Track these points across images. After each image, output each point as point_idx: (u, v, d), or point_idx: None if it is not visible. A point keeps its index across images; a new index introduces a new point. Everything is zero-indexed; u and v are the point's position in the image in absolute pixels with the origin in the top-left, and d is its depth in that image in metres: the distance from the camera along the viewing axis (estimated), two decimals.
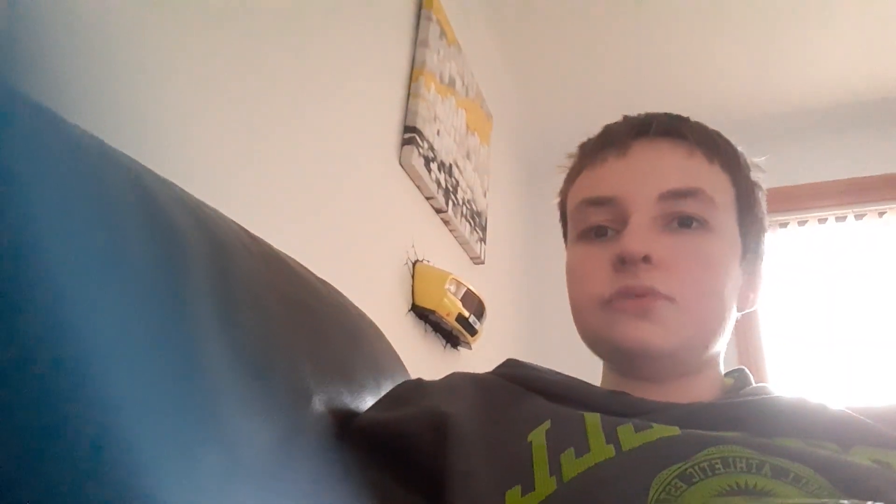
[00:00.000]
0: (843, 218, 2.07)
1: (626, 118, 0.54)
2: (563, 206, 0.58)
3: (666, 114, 0.53)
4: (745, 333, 1.96)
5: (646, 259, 0.44)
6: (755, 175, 0.53)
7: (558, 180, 0.60)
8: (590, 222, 0.50)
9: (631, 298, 0.45)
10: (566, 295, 0.60)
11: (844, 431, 0.38)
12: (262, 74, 0.82)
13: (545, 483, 0.34)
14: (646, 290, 0.44)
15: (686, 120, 0.52)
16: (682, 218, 0.47)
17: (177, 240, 0.33)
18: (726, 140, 0.52)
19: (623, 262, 0.45)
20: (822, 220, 2.09)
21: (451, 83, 1.49)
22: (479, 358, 1.49)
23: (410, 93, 1.30)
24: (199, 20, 0.71)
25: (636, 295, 0.45)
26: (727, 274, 0.47)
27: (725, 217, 0.48)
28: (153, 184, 0.34)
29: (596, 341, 0.49)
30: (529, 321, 2.13)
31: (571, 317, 0.52)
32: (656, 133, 0.51)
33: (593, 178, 0.52)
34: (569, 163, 0.59)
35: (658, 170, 0.48)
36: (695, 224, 0.47)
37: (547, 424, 0.39)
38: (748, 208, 0.51)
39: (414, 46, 1.36)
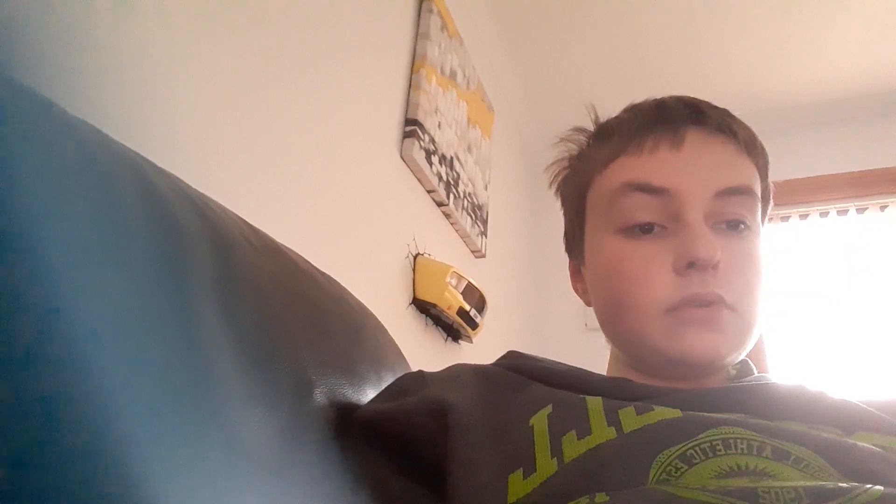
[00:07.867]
0: (845, 212, 2.06)
1: (663, 99, 0.51)
2: (581, 187, 0.54)
3: (698, 102, 0.50)
4: None
5: (714, 266, 0.43)
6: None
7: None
8: (637, 217, 0.46)
9: (698, 307, 0.43)
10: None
11: (846, 417, 0.38)
12: (263, 66, 0.82)
13: (546, 464, 0.34)
14: (715, 297, 0.43)
15: (733, 115, 0.50)
16: (731, 220, 0.46)
17: (178, 232, 0.33)
18: (761, 141, 0.51)
19: (692, 268, 0.43)
20: (824, 214, 2.08)
21: (453, 76, 1.49)
22: (480, 351, 1.49)
23: (411, 85, 1.30)
24: (201, 12, 0.71)
25: (704, 303, 0.43)
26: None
27: (758, 220, 0.49)
28: (154, 175, 0.34)
29: (647, 347, 0.46)
30: (530, 315, 2.13)
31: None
32: (711, 125, 0.48)
33: (641, 166, 0.48)
34: (576, 137, 0.56)
35: (714, 165, 0.47)
36: (742, 227, 0.46)
37: (548, 409, 0.39)
38: (764, 213, 0.51)
39: (415, 39, 1.35)
